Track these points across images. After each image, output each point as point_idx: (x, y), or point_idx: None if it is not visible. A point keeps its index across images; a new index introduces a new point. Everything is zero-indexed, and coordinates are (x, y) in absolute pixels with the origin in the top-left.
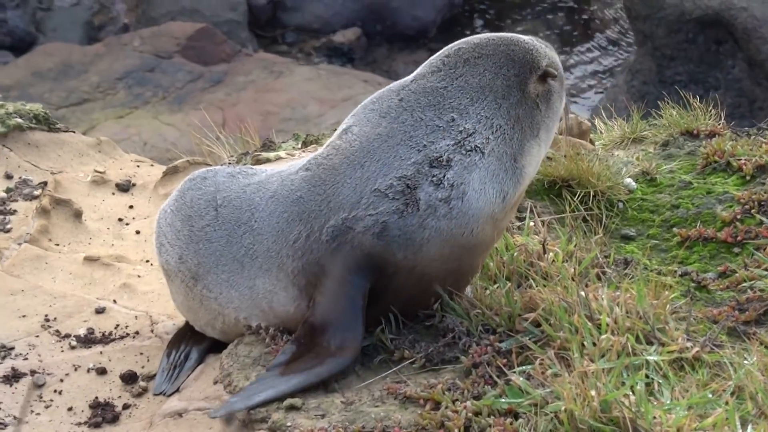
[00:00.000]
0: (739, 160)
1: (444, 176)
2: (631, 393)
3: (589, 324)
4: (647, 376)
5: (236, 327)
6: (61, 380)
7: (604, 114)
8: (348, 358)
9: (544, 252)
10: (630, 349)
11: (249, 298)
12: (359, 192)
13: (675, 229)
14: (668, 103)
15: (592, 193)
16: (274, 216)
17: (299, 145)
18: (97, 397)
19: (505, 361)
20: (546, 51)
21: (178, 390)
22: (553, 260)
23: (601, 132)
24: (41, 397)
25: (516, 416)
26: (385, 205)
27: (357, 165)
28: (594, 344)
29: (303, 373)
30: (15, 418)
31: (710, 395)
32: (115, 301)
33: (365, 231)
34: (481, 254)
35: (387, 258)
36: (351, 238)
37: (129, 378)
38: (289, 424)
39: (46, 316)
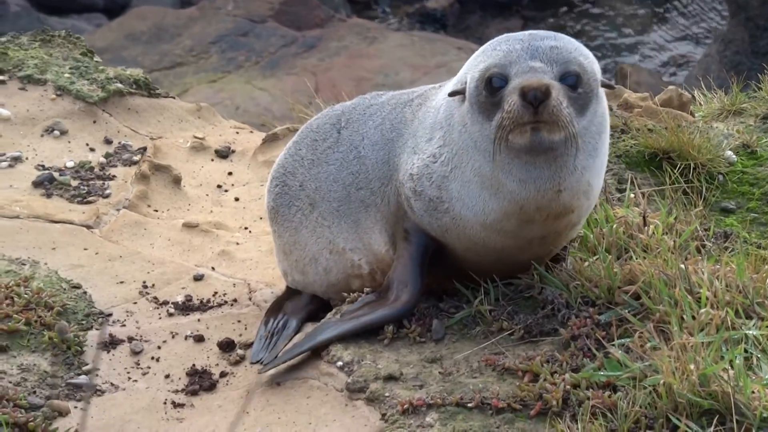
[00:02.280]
0: None
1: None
2: (729, 367)
3: (689, 297)
4: (746, 351)
5: (342, 259)
6: (159, 347)
7: (700, 85)
8: (399, 308)
9: (644, 224)
10: (729, 323)
11: (355, 231)
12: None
13: None
14: (767, 75)
15: (692, 165)
16: (376, 148)
17: None
18: (194, 365)
19: (603, 333)
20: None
21: (275, 358)
22: (653, 233)
23: (699, 104)
24: (138, 364)
25: (614, 389)
26: (409, 183)
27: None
28: (693, 318)
29: (360, 318)
30: (112, 384)
31: None
32: (213, 269)
33: (407, 200)
34: (505, 251)
35: (426, 229)
36: (404, 201)
37: (226, 346)
38: (387, 394)
39: (144, 282)
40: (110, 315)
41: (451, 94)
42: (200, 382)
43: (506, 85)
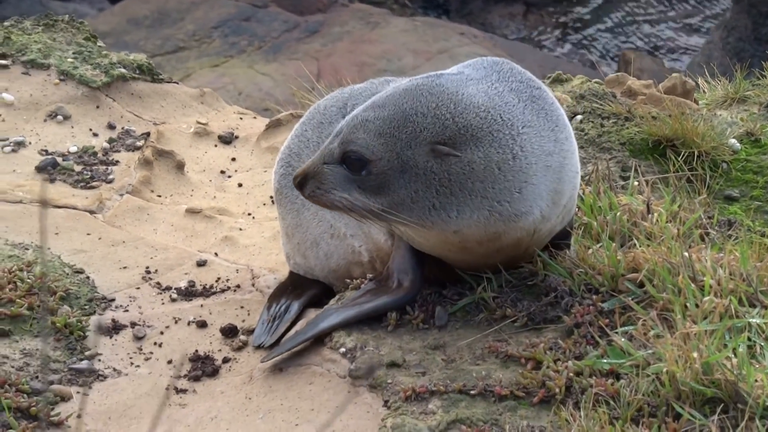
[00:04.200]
0: None
1: None
2: (733, 355)
3: (692, 285)
4: (749, 339)
5: (343, 245)
6: (162, 333)
7: (703, 72)
8: (401, 296)
9: (648, 212)
10: (733, 312)
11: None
12: None
13: None
14: None
15: (696, 153)
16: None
17: None
18: (197, 350)
19: (607, 321)
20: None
21: (276, 342)
22: (657, 220)
23: (703, 91)
24: (141, 350)
25: (617, 377)
26: None
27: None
28: (697, 306)
29: (362, 305)
30: (114, 369)
31: None
32: (216, 254)
33: None
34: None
35: None
36: None
37: (229, 331)
38: (389, 381)
39: (147, 268)
40: (113, 300)
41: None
42: (203, 367)
43: None
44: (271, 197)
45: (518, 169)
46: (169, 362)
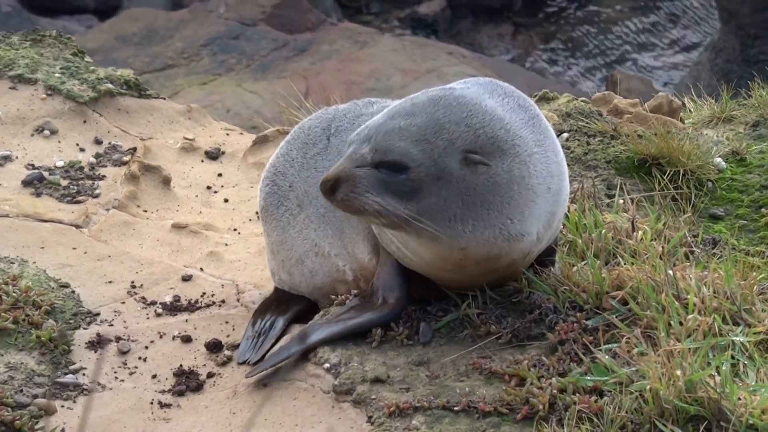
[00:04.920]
0: None
1: None
2: (716, 374)
3: (676, 303)
4: (733, 357)
5: (327, 263)
6: (146, 347)
7: (689, 92)
8: (386, 313)
9: (633, 230)
10: (716, 330)
11: (339, 238)
12: None
13: (764, 210)
14: (757, 83)
15: (681, 171)
16: None
17: None
18: (181, 365)
19: (591, 338)
20: None
21: (261, 358)
22: (642, 238)
23: (690, 111)
24: (126, 364)
25: (601, 394)
26: None
27: None
28: (680, 324)
29: (347, 321)
30: (99, 384)
31: None
32: (201, 269)
33: None
34: (461, 280)
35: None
36: None
37: (214, 346)
38: (373, 396)
39: (133, 282)
40: (98, 314)
41: None
42: (187, 382)
43: None
44: (257, 213)
45: (529, 188)
46: (154, 377)
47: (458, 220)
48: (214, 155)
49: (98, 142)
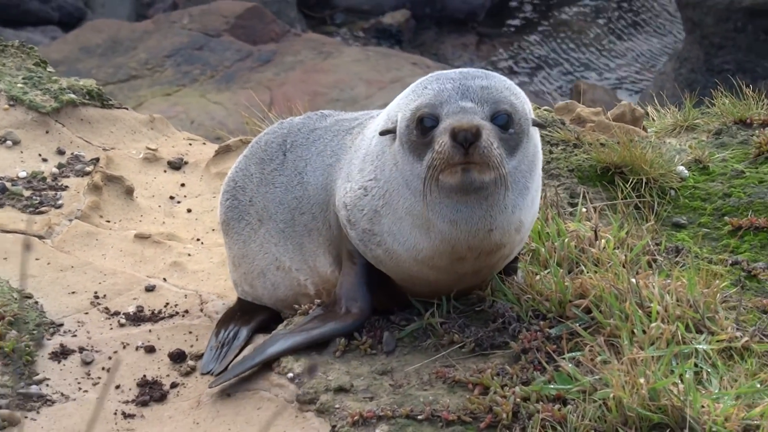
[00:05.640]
0: None
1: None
2: (679, 381)
3: (640, 311)
4: (696, 365)
5: (288, 277)
6: (110, 358)
7: (654, 101)
8: (349, 323)
9: (596, 238)
10: (680, 338)
11: (300, 253)
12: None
13: (726, 218)
14: (721, 92)
15: (644, 180)
16: (317, 174)
17: None
18: (145, 376)
19: (554, 347)
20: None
21: (225, 369)
22: (605, 247)
23: (653, 119)
24: (89, 375)
25: (564, 403)
26: (343, 212)
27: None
28: (644, 332)
29: (310, 331)
30: (62, 395)
31: (759, 385)
32: (165, 280)
33: (344, 227)
34: (440, 283)
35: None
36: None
37: (177, 357)
38: (337, 406)
39: (96, 293)
40: (61, 325)
41: (382, 133)
42: (151, 392)
43: (437, 125)
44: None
45: (538, 179)
46: (117, 387)
47: (521, 193)
48: (176, 165)
49: (61, 152)
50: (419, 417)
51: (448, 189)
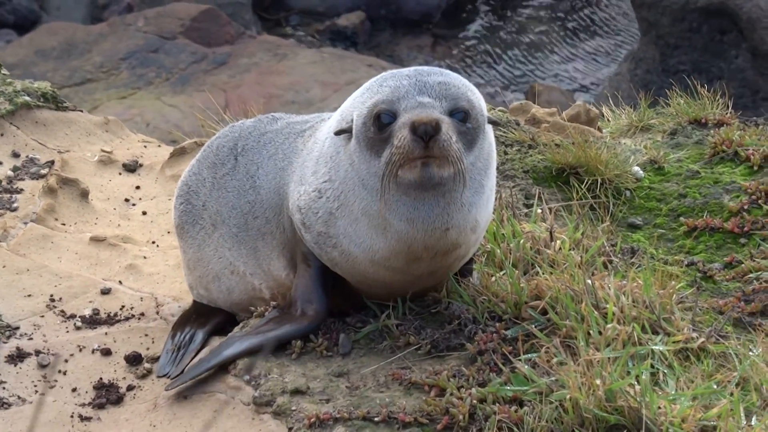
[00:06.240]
0: (747, 150)
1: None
2: (636, 382)
3: (596, 313)
4: (652, 366)
5: (243, 282)
6: (66, 361)
7: (609, 102)
8: (305, 324)
9: (551, 239)
10: (636, 339)
11: (254, 257)
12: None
13: (682, 219)
14: (676, 92)
15: (599, 180)
16: (269, 177)
17: None
18: (101, 378)
19: (510, 348)
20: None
21: (181, 372)
22: (560, 248)
23: (608, 120)
24: (45, 378)
25: (521, 404)
26: (297, 215)
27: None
28: (600, 333)
29: (266, 333)
30: (19, 398)
31: (715, 386)
32: (120, 282)
33: (298, 230)
34: (395, 285)
35: (319, 258)
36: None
37: (133, 359)
38: (294, 408)
39: (52, 296)
40: (17, 328)
41: (337, 133)
42: (107, 395)
43: (395, 121)
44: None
45: (493, 179)
46: (74, 390)
47: (476, 191)
48: (131, 168)
49: (16, 155)
50: (376, 419)
51: (407, 185)
